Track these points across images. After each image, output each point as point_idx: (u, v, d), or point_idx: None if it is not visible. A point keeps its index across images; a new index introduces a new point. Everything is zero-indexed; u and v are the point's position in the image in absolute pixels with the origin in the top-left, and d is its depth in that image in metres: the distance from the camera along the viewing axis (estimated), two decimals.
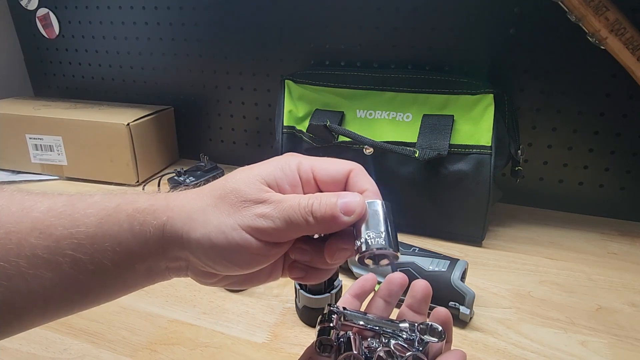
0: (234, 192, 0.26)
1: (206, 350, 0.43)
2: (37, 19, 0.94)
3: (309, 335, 0.45)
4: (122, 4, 0.86)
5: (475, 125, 0.59)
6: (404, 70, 0.70)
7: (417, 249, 0.51)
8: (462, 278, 0.47)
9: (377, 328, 0.30)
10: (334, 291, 0.46)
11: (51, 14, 0.93)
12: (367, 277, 0.33)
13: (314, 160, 0.29)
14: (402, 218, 0.64)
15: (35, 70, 1.01)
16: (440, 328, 0.29)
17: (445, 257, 0.49)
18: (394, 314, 0.32)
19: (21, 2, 0.93)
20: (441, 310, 0.30)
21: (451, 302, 0.46)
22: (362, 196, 0.26)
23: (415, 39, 0.70)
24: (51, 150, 0.82)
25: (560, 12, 0.54)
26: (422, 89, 0.63)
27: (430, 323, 0.29)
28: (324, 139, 0.64)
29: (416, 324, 0.29)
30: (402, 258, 0.50)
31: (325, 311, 0.30)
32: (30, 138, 0.82)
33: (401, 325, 0.29)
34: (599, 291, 0.53)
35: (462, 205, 0.60)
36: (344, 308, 0.31)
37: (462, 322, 0.47)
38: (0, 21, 0.96)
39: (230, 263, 0.26)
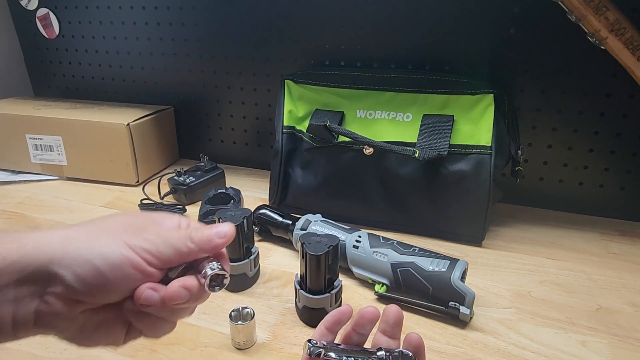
0: (123, 222, 0.29)
1: (206, 350, 0.43)
2: (37, 19, 0.94)
3: (309, 335, 0.45)
4: (122, 4, 0.86)
5: (475, 125, 0.59)
6: (404, 70, 0.70)
7: (417, 249, 0.51)
8: (462, 278, 0.47)
9: (352, 359, 0.30)
10: (333, 291, 0.46)
11: (51, 14, 0.93)
12: (342, 311, 0.33)
13: (191, 221, 0.32)
14: (402, 218, 0.64)
15: (35, 70, 1.01)
16: (410, 354, 0.30)
17: (445, 257, 0.49)
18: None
19: (21, 2, 0.93)
20: (413, 336, 0.31)
21: (451, 302, 0.46)
22: (231, 224, 0.31)
23: (415, 39, 0.70)
24: (51, 150, 0.82)
25: (560, 12, 0.54)
26: (422, 89, 0.63)
27: (401, 350, 0.30)
28: (324, 139, 0.64)
29: (386, 354, 0.30)
30: (402, 258, 0.50)
31: (306, 348, 0.31)
32: (30, 138, 0.82)
33: (378, 353, 0.30)
34: (599, 291, 0.53)
35: (462, 205, 0.60)
36: (323, 343, 0.31)
37: (462, 322, 0.47)
38: (0, 21, 0.96)
39: (107, 283, 0.26)
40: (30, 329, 0.26)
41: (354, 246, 0.53)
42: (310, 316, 0.47)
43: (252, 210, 0.61)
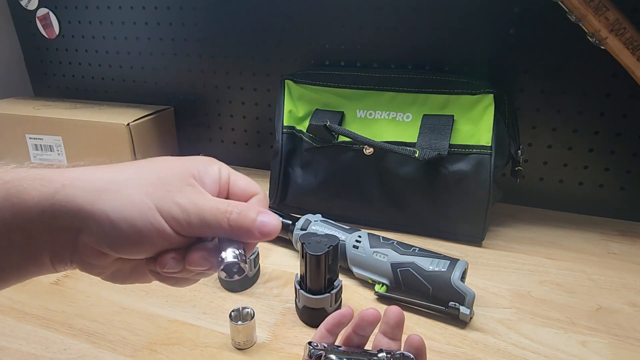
0: (156, 173, 0.26)
1: (206, 350, 0.43)
2: (37, 19, 0.94)
3: (309, 335, 0.45)
4: (122, 4, 0.86)
5: (475, 125, 0.59)
6: (404, 70, 0.70)
7: (417, 249, 0.51)
8: (462, 278, 0.47)
9: None
10: (333, 291, 0.46)
11: (51, 14, 0.93)
12: (343, 313, 0.33)
13: (231, 171, 0.30)
14: (402, 218, 0.64)
15: (35, 70, 1.01)
16: (411, 356, 0.30)
17: (445, 257, 0.49)
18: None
19: (21, 2, 0.93)
20: (414, 338, 0.31)
21: (451, 302, 0.46)
22: (279, 219, 0.27)
23: (415, 39, 0.70)
24: (51, 151, 0.82)
25: (560, 12, 0.54)
26: (422, 89, 0.63)
27: (402, 352, 0.30)
28: (324, 139, 0.64)
29: (387, 355, 0.30)
30: (402, 258, 0.50)
31: (306, 350, 0.31)
32: (30, 138, 0.82)
33: (379, 355, 0.30)
34: (599, 291, 0.53)
35: (462, 205, 0.60)
36: (324, 345, 0.31)
37: (462, 322, 0.47)
38: (0, 21, 0.96)
39: (132, 244, 0.25)
40: (68, 266, 0.26)
41: (354, 246, 0.53)
42: (311, 316, 0.47)
43: None
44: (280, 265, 0.57)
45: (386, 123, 0.64)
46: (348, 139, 0.62)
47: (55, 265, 0.26)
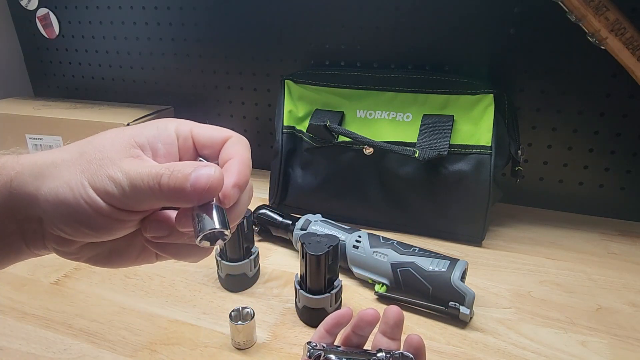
0: (96, 148, 0.24)
1: (206, 351, 0.43)
2: (37, 19, 0.94)
3: (309, 336, 0.45)
4: (122, 4, 0.86)
5: (475, 125, 0.59)
6: (404, 70, 0.70)
7: (417, 249, 0.51)
8: (462, 278, 0.47)
9: None
10: (334, 291, 0.46)
11: (51, 14, 0.93)
12: (342, 314, 0.33)
13: (194, 124, 0.28)
14: (402, 218, 0.64)
15: (35, 70, 1.01)
16: (410, 356, 0.30)
17: (445, 257, 0.49)
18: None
19: (21, 2, 0.93)
20: (413, 338, 0.31)
21: (451, 302, 0.46)
22: (220, 169, 0.24)
23: (415, 39, 0.70)
24: None
25: (560, 12, 0.54)
26: (422, 89, 0.63)
27: (401, 352, 0.31)
28: (324, 139, 0.64)
29: (386, 355, 0.30)
30: (402, 258, 0.50)
31: (305, 350, 0.31)
32: (30, 138, 0.82)
33: (378, 355, 0.31)
34: (599, 291, 0.53)
35: (462, 205, 0.60)
36: (323, 345, 0.31)
37: (462, 322, 0.47)
38: (0, 21, 0.96)
39: (79, 225, 0.23)
40: (46, 251, 0.26)
41: (354, 246, 0.53)
42: (310, 316, 0.47)
43: (252, 211, 0.62)
44: (281, 265, 0.57)
45: (386, 123, 0.64)
46: (348, 139, 0.62)
47: (33, 250, 0.26)
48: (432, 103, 0.62)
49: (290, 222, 0.59)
